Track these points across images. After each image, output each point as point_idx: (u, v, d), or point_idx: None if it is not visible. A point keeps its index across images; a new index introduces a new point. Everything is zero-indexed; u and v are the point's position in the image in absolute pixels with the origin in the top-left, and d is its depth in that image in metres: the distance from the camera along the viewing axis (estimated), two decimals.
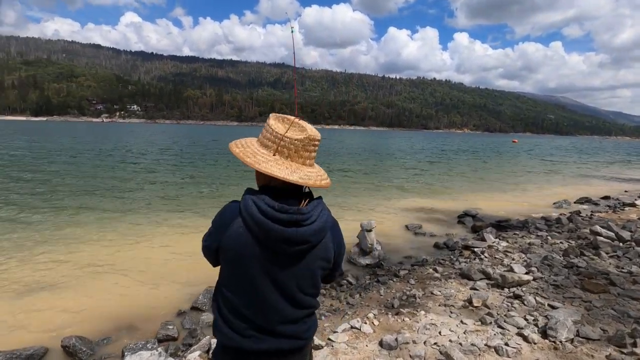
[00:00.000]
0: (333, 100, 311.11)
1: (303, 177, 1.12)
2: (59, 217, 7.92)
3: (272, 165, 1.11)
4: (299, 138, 1.15)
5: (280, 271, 1.15)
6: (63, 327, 3.76)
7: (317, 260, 1.18)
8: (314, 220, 1.13)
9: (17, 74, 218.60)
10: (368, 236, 5.80)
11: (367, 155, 29.17)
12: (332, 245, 1.21)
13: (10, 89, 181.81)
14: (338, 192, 11.79)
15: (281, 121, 1.20)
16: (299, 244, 1.11)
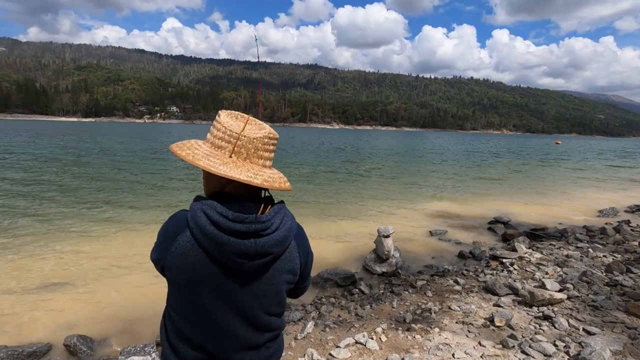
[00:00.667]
0: (365, 100, 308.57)
1: (267, 179, 0.98)
2: (86, 212, 8.25)
3: (232, 167, 0.97)
4: (258, 136, 1.01)
5: (239, 291, 1.01)
6: (71, 325, 3.81)
7: (281, 273, 1.05)
8: (276, 228, 0.99)
9: (70, 78, 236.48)
10: (385, 242, 5.49)
11: (395, 157, 28.47)
12: (298, 255, 1.08)
13: (64, 93, 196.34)
14: (358, 195, 11.49)
15: (235, 118, 1.05)
16: (259, 257, 0.98)
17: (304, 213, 8.80)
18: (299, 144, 41.02)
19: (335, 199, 10.81)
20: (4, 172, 13.67)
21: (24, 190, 10.57)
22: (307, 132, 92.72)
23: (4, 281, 4.72)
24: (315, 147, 36.72)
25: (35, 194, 10.02)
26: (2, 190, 10.38)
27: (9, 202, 8.99)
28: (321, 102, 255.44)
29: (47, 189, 10.81)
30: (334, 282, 4.86)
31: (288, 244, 1.03)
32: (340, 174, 16.58)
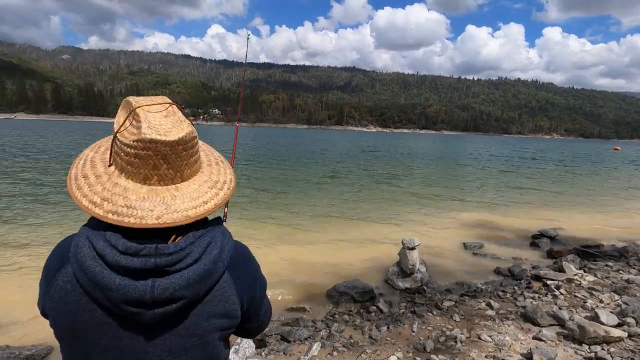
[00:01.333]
0: (403, 103, 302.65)
1: (165, 213, 0.71)
2: None
3: (102, 194, 0.72)
4: (164, 140, 0.71)
5: (144, 348, 0.74)
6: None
7: (208, 320, 0.77)
8: (193, 261, 0.72)
9: (124, 83, 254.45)
10: (409, 255, 5.01)
11: (431, 161, 27.30)
12: (235, 292, 0.80)
13: (118, 96, 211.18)
14: (388, 201, 10.94)
15: (126, 106, 0.76)
16: (162, 304, 0.70)
17: (325, 218, 8.47)
18: (330, 146, 40.78)
19: (362, 204, 10.36)
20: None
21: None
22: (342, 135, 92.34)
23: (11, 281, 4.81)
24: (347, 149, 36.27)
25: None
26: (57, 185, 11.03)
27: (52, 199, 9.49)
28: (358, 105, 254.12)
29: None
30: (350, 296, 4.47)
31: (213, 281, 0.75)
32: (370, 178, 16.05)
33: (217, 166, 0.84)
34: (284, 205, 9.82)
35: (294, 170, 17.97)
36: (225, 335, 0.83)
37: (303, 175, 15.95)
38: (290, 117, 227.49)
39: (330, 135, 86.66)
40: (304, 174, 16.35)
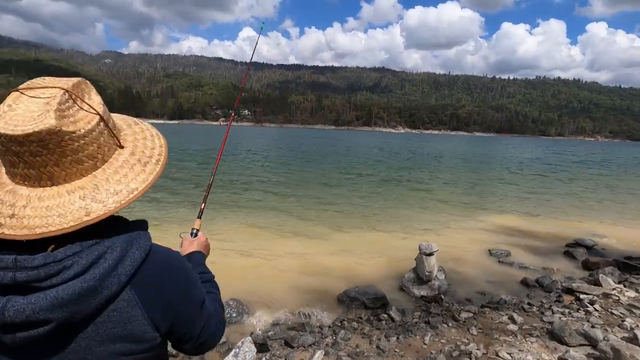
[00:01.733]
0: (434, 104, 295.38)
1: (16, 214, 0.63)
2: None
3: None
4: (8, 134, 0.61)
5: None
6: None
7: (104, 344, 0.66)
8: (73, 276, 0.61)
9: (160, 85, 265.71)
10: (426, 261, 4.75)
11: (459, 163, 26.32)
12: (144, 312, 0.69)
13: (155, 97, 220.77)
14: (410, 204, 10.57)
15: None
16: (23, 329, 0.60)
17: (343, 220, 8.29)
18: (355, 146, 40.38)
19: (381, 207, 10.08)
20: None
21: None
22: (369, 136, 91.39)
23: None
24: (372, 150, 35.75)
25: None
26: None
27: None
28: (387, 106, 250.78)
29: None
30: (361, 302, 4.28)
31: (102, 299, 0.64)
32: (392, 180, 15.66)
33: (116, 173, 0.70)
34: (301, 206, 9.73)
35: (314, 170, 17.90)
36: (143, 357, 0.72)
37: (323, 176, 15.83)
38: (318, 118, 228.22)
39: (357, 136, 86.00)
40: (324, 175, 16.23)
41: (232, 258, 5.73)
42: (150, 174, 0.72)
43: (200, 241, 1.14)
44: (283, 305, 4.29)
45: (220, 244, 6.39)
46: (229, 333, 3.62)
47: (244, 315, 3.99)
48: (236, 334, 3.60)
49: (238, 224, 7.72)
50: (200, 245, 1.13)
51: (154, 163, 0.74)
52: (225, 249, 6.13)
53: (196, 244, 1.13)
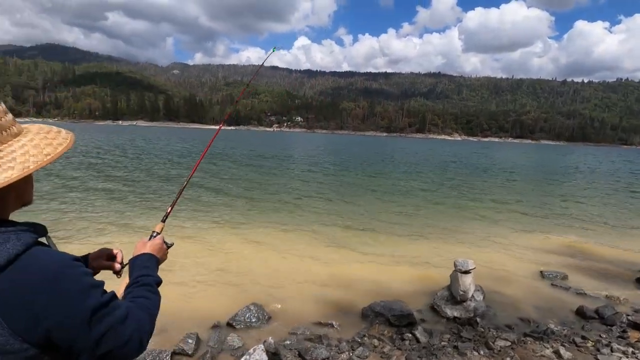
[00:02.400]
0: (494, 110, 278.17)
1: None
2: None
3: None
4: None
5: None
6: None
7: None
8: None
9: (220, 93, 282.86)
10: (461, 279, 4.37)
11: (518, 174, 24.21)
12: (2, 320, 0.68)
13: (215, 105, 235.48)
14: (453, 215, 9.91)
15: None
16: None
17: (377, 230, 8.00)
18: (405, 154, 39.16)
19: (421, 217, 9.60)
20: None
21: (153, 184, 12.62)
22: (421, 143, 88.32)
23: None
24: (423, 157, 34.40)
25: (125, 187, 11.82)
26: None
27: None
28: (442, 112, 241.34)
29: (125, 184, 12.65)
30: (386, 319, 4.05)
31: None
32: (437, 189, 14.86)
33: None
34: (336, 212, 9.59)
35: (357, 177, 17.64)
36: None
37: (365, 183, 15.53)
38: (369, 125, 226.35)
39: (409, 143, 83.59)
40: (366, 183, 15.92)
41: (259, 261, 5.79)
42: (6, 176, 0.71)
43: (154, 244, 1.13)
44: (305, 314, 4.21)
45: (248, 246, 6.50)
46: (246, 338, 3.62)
47: (263, 321, 3.97)
48: (252, 340, 3.58)
49: (270, 227, 7.81)
50: (154, 249, 1.11)
51: (17, 170, 0.73)
52: (254, 251, 6.22)
53: (149, 246, 1.11)
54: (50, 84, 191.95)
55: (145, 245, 1.11)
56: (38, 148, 0.77)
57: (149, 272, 1.01)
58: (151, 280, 0.99)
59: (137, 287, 0.94)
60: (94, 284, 0.78)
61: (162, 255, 1.14)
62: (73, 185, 11.67)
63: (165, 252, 1.16)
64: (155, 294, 0.96)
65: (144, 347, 0.83)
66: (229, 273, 5.27)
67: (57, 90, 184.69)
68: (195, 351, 3.40)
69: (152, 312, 0.89)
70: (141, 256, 1.07)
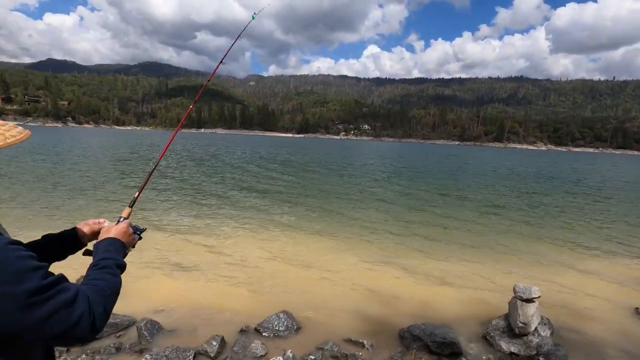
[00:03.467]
0: (589, 116, 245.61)
1: None
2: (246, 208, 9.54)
3: None
4: None
5: None
6: (166, 304, 4.24)
7: None
8: None
9: (291, 102, 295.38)
10: (522, 309, 3.71)
11: (616, 190, 20.67)
12: None
13: (286, 114, 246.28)
14: (521, 237, 8.69)
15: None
16: None
17: (431, 245, 7.34)
18: (476, 163, 36.15)
19: (485, 234, 8.57)
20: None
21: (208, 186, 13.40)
22: (498, 153, 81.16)
23: (149, 255, 5.82)
24: (494, 168, 31.39)
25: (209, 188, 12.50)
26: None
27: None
28: (524, 119, 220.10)
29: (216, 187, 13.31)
30: (425, 344, 3.59)
31: None
32: (510, 204, 13.28)
33: None
34: (387, 225, 9.04)
35: (420, 189, 16.67)
36: None
37: (419, 195, 14.58)
38: (440, 133, 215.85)
39: (482, 152, 77.44)
40: (422, 194, 14.95)
41: (297, 270, 5.65)
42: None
43: (118, 228, 1.14)
44: (336, 328, 3.94)
45: (288, 253, 6.41)
46: (270, 347, 3.48)
47: (292, 331, 3.81)
48: (277, 350, 3.43)
49: (316, 234, 7.66)
50: (118, 233, 1.12)
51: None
52: (293, 258, 6.11)
53: (113, 230, 1.13)
54: (147, 96, 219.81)
55: (109, 231, 1.13)
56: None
57: (109, 255, 1.02)
58: (111, 262, 0.99)
59: (95, 270, 0.95)
60: (33, 267, 0.78)
61: (128, 239, 1.15)
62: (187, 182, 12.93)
63: (131, 236, 1.17)
64: (113, 276, 0.95)
65: (98, 328, 0.83)
66: (263, 278, 5.24)
67: (152, 102, 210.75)
68: (218, 354, 3.36)
69: (106, 293, 0.89)
70: (104, 240, 1.08)
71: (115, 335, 3.65)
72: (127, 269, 1.04)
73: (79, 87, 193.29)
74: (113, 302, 0.91)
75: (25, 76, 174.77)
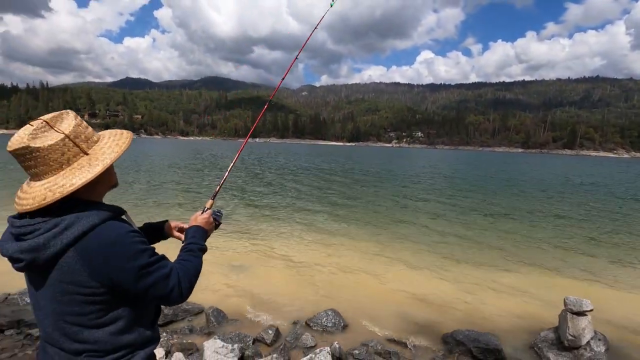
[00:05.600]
0: None
1: (18, 194, 1.03)
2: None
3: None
4: (7, 148, 1.00)
5: (35, 291, 1.06)
6: (229, 296, 4.82)
7: (59, 283, 1.00)
8: (36, 235, 0.97)
9: (342, 111, 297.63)
10: (573, 322, 3.66)
11: None
12: (82, 267, 0.98)
13: (337, 122, 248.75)
14: (576, 251, 8.07)
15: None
16: (14, 262, 1.01)
17: (484, 254, 7.18)
18: (540, 173, 33.40)
19: (539, 244, 8.15)
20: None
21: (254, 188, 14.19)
22: (569, 160, 74.12)
23: (217, 254, 6.51)
24: (562, 179, 28.81)
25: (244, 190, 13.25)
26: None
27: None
28: (601, 123, 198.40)
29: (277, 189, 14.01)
30: (468, 349, 3.69)
31: (50, 252, 0.96)
32: (573, 215, 12.26)
33: (71, 172, 1.01)
34: (439, 232, 8.97)
35: (463, 198, 16.03)
36: (87, 300, 1.01)
37: (472, 204, 14.01)
38: (500, 140, 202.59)
39: (552, 160, 71.16)
40: (474, 204, 14.35)
41: (346, 272, 5.95)
42: (90, 174, 1.01)
43: (202, 217, 1.42)
44: (381, 328, 4.18)
45: (335, 258, 6.72)
46: (319, 340, 3.83)
47: (339, 328, 4.12)
48: (324, 343, 3.76)
49: (368, 239, 7.89)
50: (202, 221, 1.41)
51: (101, 164, 1.04)
52: (342, 262, 6.41)
53: (200, 219, 1.41)
54: (208, 108, 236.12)
55: (196, 219, 1.42)
56: (110, 148, 1.10)
57: (195, 241, 1.31)
58: (195, 247, 1.29)
59: (184, 252, 1.25)
60: (144, 249, 1.07)
61: (209, 226, 1.44)
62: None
63: (212, 223, 1.45)
64: (197, 257, 1.26)
65: (184, 296, 1.13)
66: (314, 278, 5.63)
67: (213, 113, 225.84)
68: (274, 342, 3.79)
69: (190, 272, 1.18)
70: (192, 227, 1.38)
71: (188, 319, 4.26)
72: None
73: (150, 101, 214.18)
74: (196, 278, 1.18)
75: (107, 94, 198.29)
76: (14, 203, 1.02)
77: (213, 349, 3.26)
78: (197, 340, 3.71)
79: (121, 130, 1.19)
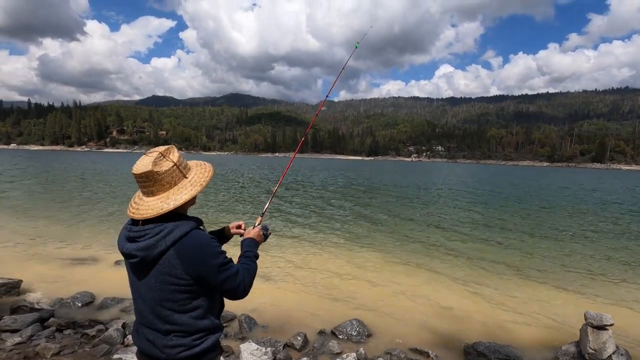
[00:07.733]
0: None
1: (133, 206, 1.39)
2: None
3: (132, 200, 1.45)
4: (133, 171, 1.38)
5: (138, 281, 1.40)
6: (259, 304, 5.12)
7: (161, 275, 1.34)
8: (147, 238, 1.32)
9: (361, 125, 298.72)
10: (593, 336, 3.75)
11: None
12: (179, 262, 1.32)
13: (356, 137, 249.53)
14: (595, 268, 7.92)
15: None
16: (130, 257, 1.36)
17: (509, 269, 7.21)
18: (569, 188, 32.36)
19: (564, 260, 8.07)
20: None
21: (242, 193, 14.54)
22: (599, 175, 71.35)
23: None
24: (592, 194, 27.84)
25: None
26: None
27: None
28: (632, 136, 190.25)
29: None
30: None
31: (158, 252, 1.31)
32: (598, 230, 11.95)
33: (178, 190, 1.38)
34: (462, 248, 9.01)
35: (487, 213, 15.84)
36: (179, 290, 1.34)
37: (497, 219, 13.86)
38: (524, 153, 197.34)
39: (580, 175, 68.76)
40: (499, 218, 14.18)
41: (371, 283, 6.15)
42: (192, 192, 1.39)
43: (254, 231, 1.79)
44: (404, 338, 4.36)
45: (361, 270, 6.93)
46: (344, 347, 4.06)
47: (363, 337, 4.34)
48: (350, 351, 3.99)
49: (392, 252, 8.06)
50: (255, 234, 1.77)
51: (199, 186, 1.43)
52: (367, 274, 6.61)
53: (252, 233, 1.78)
54: (230, 124, 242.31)
55: (249, 233, 1.79)
56: (201, 176, 1.47)
57: (251, 249, 1.67)
58: (252, 254, 1.65)
59: (243, 258, 1.61)
60: (221, 252, 1.43)
61: (260, 239, 1.80)
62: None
63: (261, 236, 1.81)
64: (253, 262, 1.61)
65: (247, 292, 1.47)
66: (341, 289, 5.87)
67: (234, 129, 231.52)
68: (302, 348, 4.05)
69: (251, 272, 1.54)
70: (247, 239, 1.74)
71: (223, 325, 4.58)
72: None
73: (175, 118, 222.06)
74: (253, 278, 1.52)
75: (135, 111, 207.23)
76: (129, 212, 1.38)
77: (249, 351, 3.55)
78: (232, 344, 4.02)
79: (203, 162, 1.55)
